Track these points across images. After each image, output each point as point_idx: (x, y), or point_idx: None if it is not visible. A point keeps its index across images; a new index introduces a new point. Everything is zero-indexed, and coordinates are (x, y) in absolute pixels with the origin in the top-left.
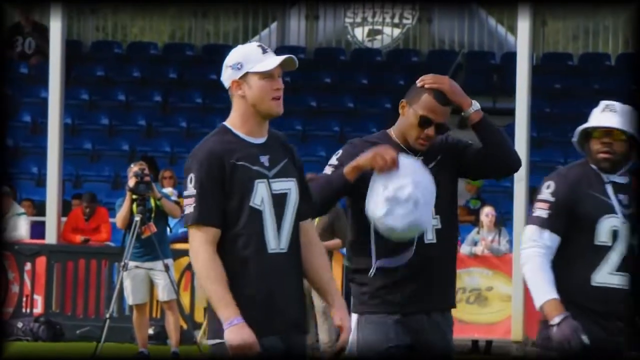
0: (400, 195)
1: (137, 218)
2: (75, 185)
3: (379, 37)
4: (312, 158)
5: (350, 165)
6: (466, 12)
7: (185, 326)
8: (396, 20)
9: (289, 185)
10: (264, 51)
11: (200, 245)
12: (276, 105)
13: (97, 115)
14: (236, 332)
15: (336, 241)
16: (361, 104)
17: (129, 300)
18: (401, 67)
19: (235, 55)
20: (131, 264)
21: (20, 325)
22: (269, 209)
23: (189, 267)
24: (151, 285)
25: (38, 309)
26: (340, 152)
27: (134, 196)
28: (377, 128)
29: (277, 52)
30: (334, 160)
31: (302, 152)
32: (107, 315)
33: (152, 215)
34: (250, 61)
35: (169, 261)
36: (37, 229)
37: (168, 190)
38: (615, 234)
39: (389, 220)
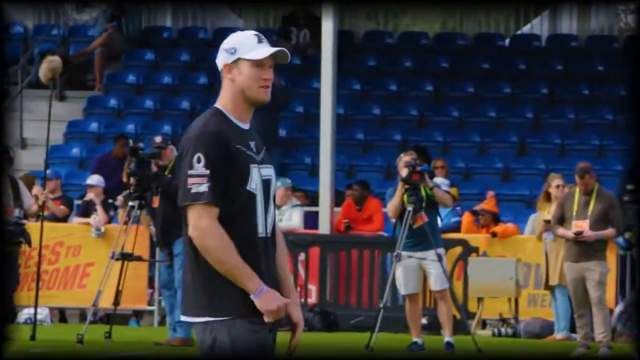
0: None
1: (409, 208)
2: (348, 175)
3: None
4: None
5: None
6: None
7: (458, 316)
8: None
9: (270, 172)
10: (260, 40)
11: (211, 224)
12: (264, 92)
13: (369, 106)
14: (269, 298)
15: (610, 230)
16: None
17: (401, 290)
18: None
19: (231, 40)
20: (403, 253)
21: None
22: (260, 194)
23: (461, 256)
24: (423, 274)
25: (312, 299)
26: None
27: (406, 186)
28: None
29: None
30: None
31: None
32: (381, 305)
33: (424, 204)
34: (243, 48)
35: (441, 250)
36: (311, 219)
37: (439, 179)
38: None
39: None
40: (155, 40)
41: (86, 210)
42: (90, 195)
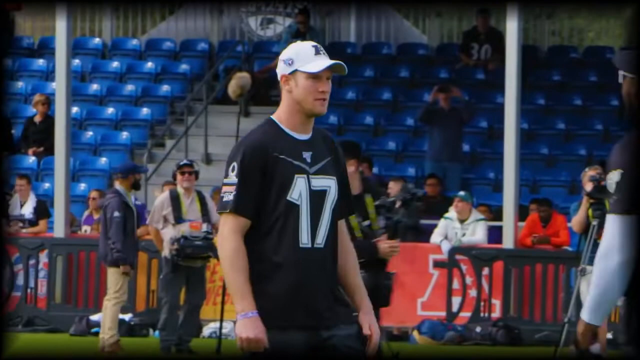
0: None
1: (594, 222)
2: (532, 190)
3: None
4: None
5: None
6: None
7: None
8: None
9: (328, 183)
10: (317, 52)
11: (230, 233)
12: (319, 105)
13: (553, 120)
14: (249, 325)
15: None
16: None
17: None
18: None
19: (289, 51)
20: (588, 268)
21: (478, 329)
22: (306, 204)
23: None
24: None
25: (496, 314)
26: None
27: (591, 200)
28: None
29: None
30: None
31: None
32: (565, 320)
33: None
34: (300, 60)
35: None
36: (494, 234)
37: None
38: None
39: None
40: (339, 55)
41: None
42: None
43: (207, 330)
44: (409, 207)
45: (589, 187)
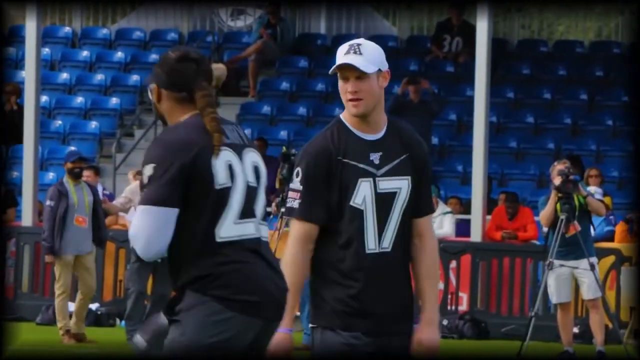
0: None
1: (562, 216)
2: (500, 183)
3: None
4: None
5: None
6: None
7: (610, 325)
8: None
9: (399, 185)
10: (347, 52)
11: (294, 240)
12: (351, 106)
13: (522, 114)
14: (281, 340)
15: None
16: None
17: (553, 298)
18: None
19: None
20: (556, 262)
21: (445, 322)
22: (371, 208)
23: (614, 265)
24: (575, 283)
25: (463, 307)
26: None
27: (559, 194)
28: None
29: None
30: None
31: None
32: (532, 314)
33: (577, 213)
34: (336, 60)
35: (594, 260)
36: (463, 227)
37: (592, 188)
38: None
39: None
40: (309, 47)
41: None
42: None
43: None
44: None
45: (557, 181)
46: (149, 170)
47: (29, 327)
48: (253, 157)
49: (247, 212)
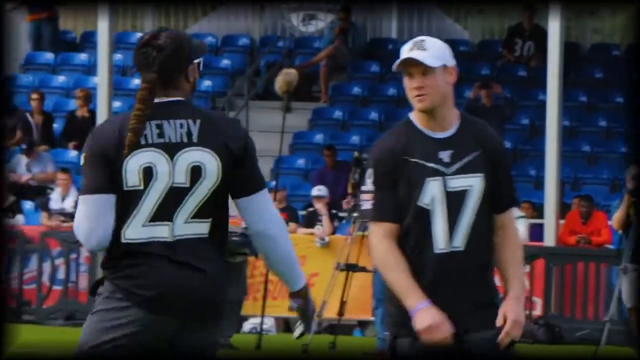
0: None
1: (635, 220)
2: (574, 187)
3: None
4: None
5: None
6: None
7: None
8: None
9: (471, 182)
10: (411, 48)
11: (378, 241)
12: (417, 101)
13: (595, 117)
14: (424, 315)
15: None
16: None
17: (628, 303)
18: None
19: None
20: (630, 266)
21: None
22: (441, 207)
23: None
24: None
25: (537, 312)
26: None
27: (633, 198)
28: None
29: None
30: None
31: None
32: (607, 318)
33: None
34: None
35: None
36: (536, 231)
37: None
38: None
39: None
40: (381, 52)
41: (310, 221)
42: (317, 206)
43: (247, 326)
44: None
45: (631, 184)
46: (82, 160)
47: None
48: (195, 156)
49: (162, 215)
